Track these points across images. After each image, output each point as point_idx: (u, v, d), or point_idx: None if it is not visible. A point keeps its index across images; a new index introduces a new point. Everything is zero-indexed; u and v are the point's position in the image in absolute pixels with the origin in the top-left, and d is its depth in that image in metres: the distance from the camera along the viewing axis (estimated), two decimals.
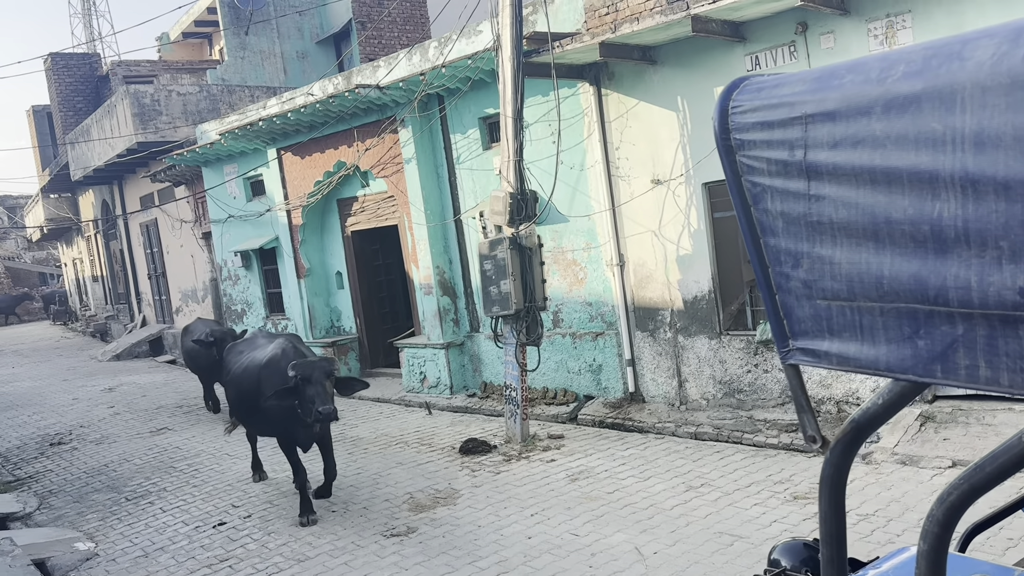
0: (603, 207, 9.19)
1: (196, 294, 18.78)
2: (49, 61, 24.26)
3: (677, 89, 8.43)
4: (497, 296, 8.39)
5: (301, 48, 20.83)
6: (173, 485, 8.67)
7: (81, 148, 20.92)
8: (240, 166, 14.57)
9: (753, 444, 7.63)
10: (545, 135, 9.44)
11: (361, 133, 11.69)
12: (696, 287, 8.64)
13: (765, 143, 1.46)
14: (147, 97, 17.45)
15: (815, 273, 1.40)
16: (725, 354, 8.50)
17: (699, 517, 6.04)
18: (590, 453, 8.01)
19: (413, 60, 10.99)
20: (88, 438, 11.60)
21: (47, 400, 15.37)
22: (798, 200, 1.41)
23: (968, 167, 1.15)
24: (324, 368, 6.49)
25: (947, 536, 1.32)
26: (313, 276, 13.64)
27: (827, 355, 1.42)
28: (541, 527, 6.20)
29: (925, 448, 6.60)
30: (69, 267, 35.14)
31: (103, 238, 25.65)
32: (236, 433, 10.77)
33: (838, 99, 1.32)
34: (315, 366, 6.48)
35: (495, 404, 10.20)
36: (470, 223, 10.80)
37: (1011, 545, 4.78)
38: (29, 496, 8.93)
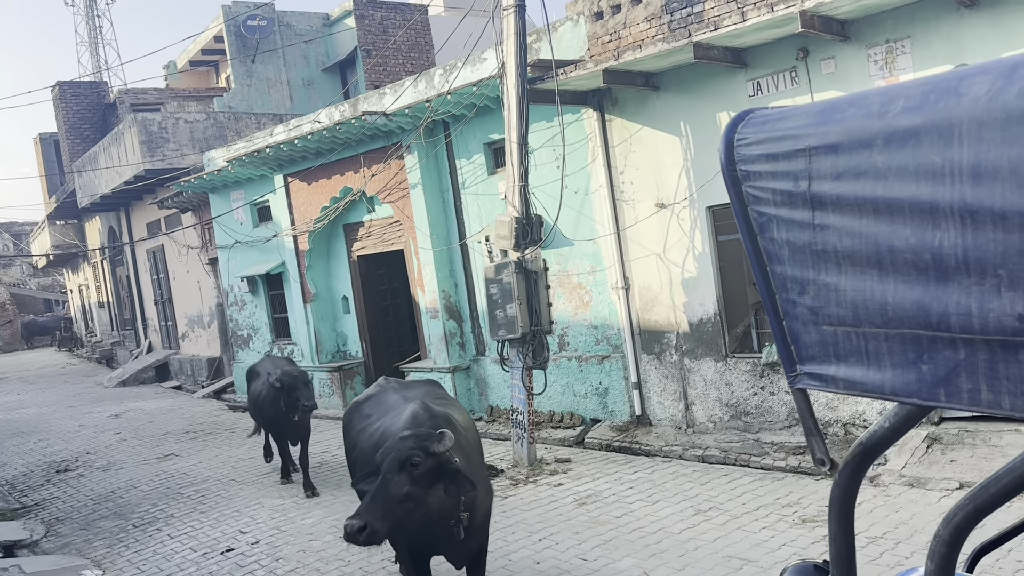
0: (608, 231, 9.26)
1: (202, 320, 18.85)
2: (57, 90, 24.55)
3: (680, 114, 8.52)
4: (503, 320, 8.43)
5: (307, 76, 21.06)
6: (180, 511, 8.67)
7: (88, 175, 21.12)
8: (247, 192, 14.69)
9: (761, 467, 7.62)
10: (550, 160, 9.53)
11: (367, 159, 11.80)
12: (701, 310, 8.67)
13: (770, 174, 1.51)
14: (154, 125, 17.64)
15: (821, 300, 1.45)
16: (731, 376, 8.51)
17: (708, 541, 6.03)
18: (597, 477, 8.01)
19: (419, 87, 11.13)
20: (95, 464, 11.61)
21: (53, 427, 15.39)
22: (803, 229, 1.46)
23: (967, 198, 1.19)
24: None
25: (954, 556, 1.35)
26: (319, 301, 13.70)
27: (834, 379, 1.46)
28: (549, 552, 6.19)
29: (932, 470, 6.59)
30: (75, 293, 35.29)
31: (109, 264, 25.79)
32: (243, 458, 10.79)
33: (840, 132, 1.37)
34: None
35: (501, 428, 10.20)
36: (476, 247, 10.87)
37: (1020, 567, 4.77)
38: (36, 523, 8.93)
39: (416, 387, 5.44)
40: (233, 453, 11.29)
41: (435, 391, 5.41)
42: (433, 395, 5.16)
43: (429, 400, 4.80)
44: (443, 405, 4.86)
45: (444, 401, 5.15)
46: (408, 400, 4.93)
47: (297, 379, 8.48)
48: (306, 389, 8.46)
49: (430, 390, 5.35)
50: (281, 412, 8.53)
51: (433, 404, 4.70)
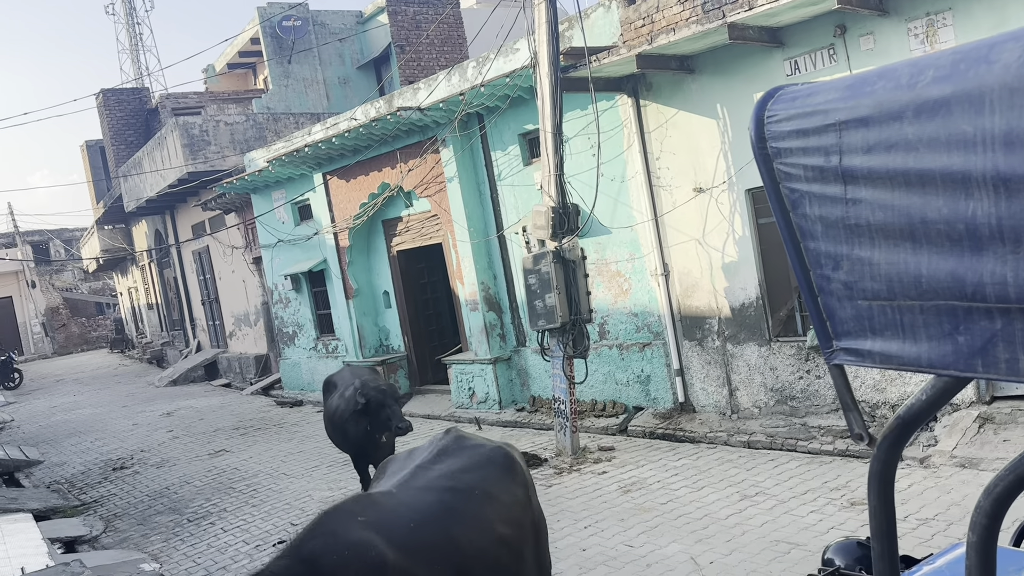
0: (645, 217, 9.21)
1: (248, 318, 19.20)
2: (101, 97, 25.14)
3: (716, 97, 8.43)
4: (542, 310, 8.45)
5: (343, 74, 21.26)
6: (233, 505, 8.87)
7: (133, 180, 21.60)
8: (288, 192, 14.91)
9: (808, 451, 7.54)
10: (585, 148, 9.51)
11: (403, 154, 11.90)
12: (743, 294, 8.59)
13: (801, 150, 1.51)
14: (195, 128, 17.98)
15: (855, 274, 1.44)
16: (776, 361, 8.43)
17: (755, 526, 6.00)
18: (641, 464, 8.00)
19: (452, 81, 11.17)
20: (149, 462, 11.92)
21: (108, 426, 15.83)
22: (835, 204, 1.46)
23: (999, 167, 1.18)
24: None
25: (995, 527, 1.34)
26: (361, 296, 13.87)
27: (870, 354, 1.45)
28: (595, 539, 6.21)
29: (984, 450, 6.46)
30: (124, 296, 36.16)
31: (157, 267, 26.38)
32: (292, 452, 10.99)
33: (870, 105, 1.36)
34: None
35: (544, 418, 10.24)
36: (513, 238, 10.90)
37: None
38: (95, 519, 9.22)
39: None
40: (283, 448, 11.50)
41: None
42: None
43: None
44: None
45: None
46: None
47: (385, 394, 7.06)
48: (396, 406, 7.07)
49: None
50: (365, 433, 7.06)
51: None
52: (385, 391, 7.14)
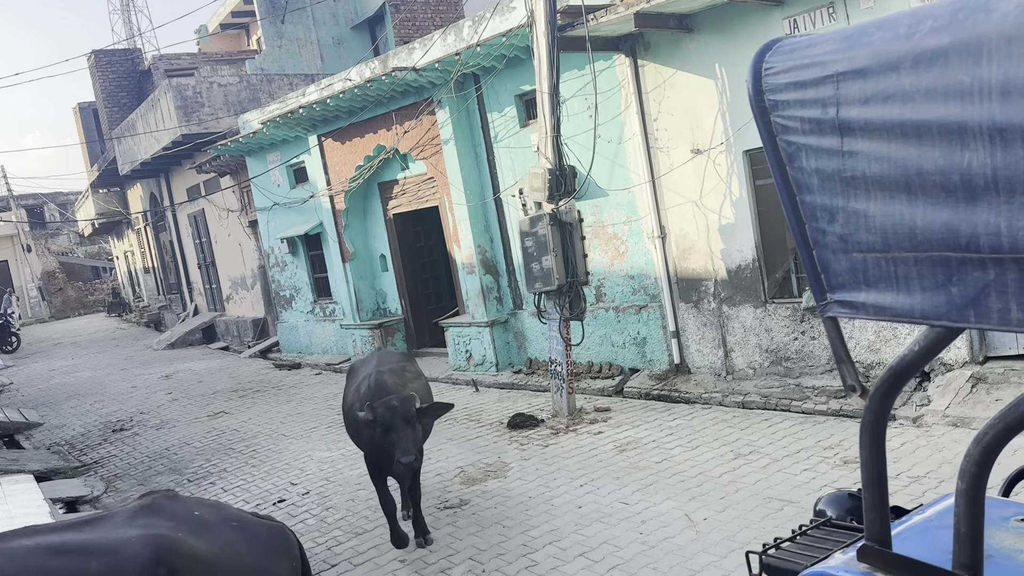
0: (643, 179, 9.18)
1: (245, 281, 19.19)
2: (92, 58, 24.83)
3: (715, 56, 8.35)
4: (539, 272, 8.46)
5: (336, 34, 20.99)
6: (233, 466, 8.95)
7: (127, 143, 21.43)
8: (282, 154, 14.81)
9: (802, 411, 7.62)
10: (582, 109, 9.44)
11: (399, 116, 11.80)
12: (740, 256, 8.60)
13: (798, 102, 1.51)
14: (189, 90, 17.78)
15: (850, 227, 1.45)
16: (771, 322, 8.47)
17: (748, 484, 6.08)
18: (637, 425, 8.08)
19: (448, 40, 11.04)
20: (149, 424, 12.00)
21: (107, 389, 15.91)
22: (832, 157, 1.46)
23: (996, 116, 1.18)
24: None
25: (984, 475, 1.37)
26: (358, 260, 13.86)
27: (864, 306, 1.46)
28: (591, 497, 6.30)
29: (977, 409, 6.53)
30: (121, 260, 36.09)
31: (153, 230, 26.29)
32: (291, 414, 11.07)
33: (868, 56, 1.36)
34: None
35: (541, 379, 10.31)
36: (510, 201, 10.86)
37: None
38: (96, 480, 9.30)
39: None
40: (281, 409, 11.58)
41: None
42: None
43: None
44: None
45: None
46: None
47: (395, 414, 5.39)
48: (406, 431, 5.38)
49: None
50: (378, 443, 5.62)
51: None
52: (395, 409, 5.39)
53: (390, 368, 6.17)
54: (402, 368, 6.32)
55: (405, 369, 6.36)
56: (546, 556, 5.37)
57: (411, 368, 6.55)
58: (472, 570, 5.36)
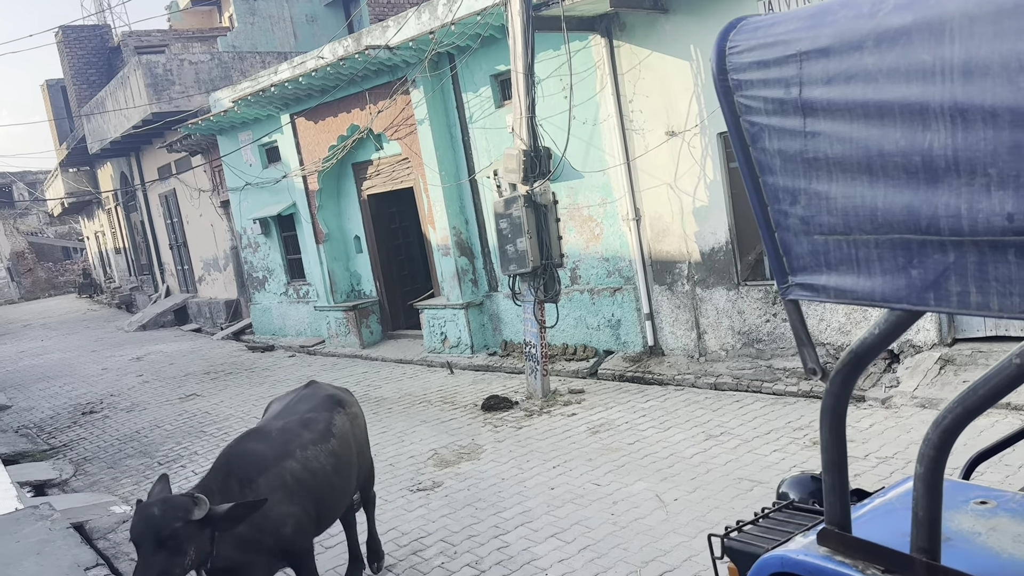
0: (618, 161, 9.15)
1: (218, 262, 18.98)
2: (60, 34, 24.29)
3: (690, 38, 8.32)
4: (514, 254, 8.43)
5: (310, 11, 20.69)
6: (204, 449, 8.87)
7: (97, 121, 21.03)
8: (254, 133, 14.61)
9: (772, 392, 7.68)
10: (557, 90, 9.38)
11: (373, 95, 11.67)
12: (713, 238, 8.62)
13: (762, 82, 1.48)
14: (159, 67, 17.46)
15: (812, 209, 1.43)
16: (743, 305, 8.51)
17: (719, 464, 6.13)
18: (610, 406, 8.10)
19: (422, 19, 10.91)
20: (119, 406, 11.86)
21: (77, 371, 15.70)
22: (794, 137, 1.44)
23: (957, 97, 1.16)
24: None
25: (942, 458, 1.36)
26: (332, 241, 13.74)
27: (825, 289, 1.45)
28: (563, 478, 6.31)
29: (944, 391, 6.61)
30: (91, 240, 35.54)
31: (123, 210, 25.89)
32: (264, 396, 10.99)
33: (831, 35, 1.33)
34: None
35: (515, 361, 10.30)
36: (485, 182, 10.80)
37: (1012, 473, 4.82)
38: (65, 463, 9.18)
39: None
40: (254, 392, 11.49)
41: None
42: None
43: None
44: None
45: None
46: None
47: (144, 528, 3.42)
48: (156, 556, 3.38)
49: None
50: None
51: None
52: (148, 520, 3.43)
53: (289, 424, 4.45)
54: (309, 423, 4.48)
55: (311, 425, 4.47)
56: (518, 537, 5.38)
57: (332, 422, 4.60)
58: (444, 552, 5.36)
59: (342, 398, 5.00)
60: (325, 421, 4.60)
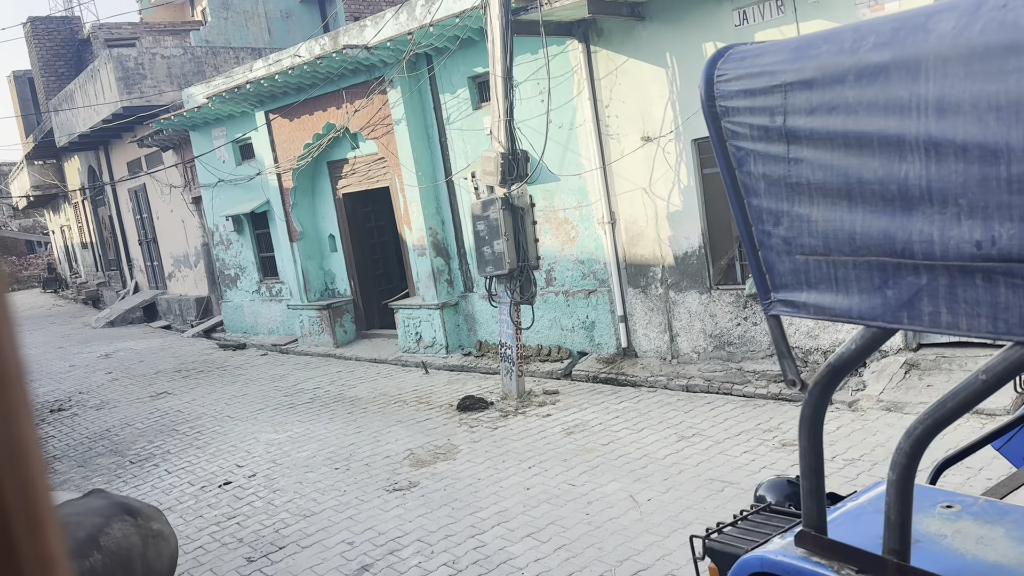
0: (594, 165, 9.26)
1: (188, 259, 18.80)
2: (29, 26, 23.88)
3: (666, 45, 8.45)
4: (490, 256, 8.50)
5: (285, 7, 20.56)
6: (177, 447, 8.83)
7: (65, 114, 20.71)
8: (228, 130, 14.50)
9: (743, 395, 7.83)
10: (535, 94, 9.46)
11: (350, 94, 11.66)
12: (687, 243, 8.76)
13: (748, 110, 1.57)
14: (130, 61, 17.25)
15: (794, 230, 1.52)
16: (715, 308, 8.66)
17: (691, 465, 6.24)
18: (585, 407, 8.20)
19: (400, 19, 10.92)
20: (88, 404, 11.74)
21: (44, 367, 15.47)
22: (778, 163, 1.52)
23: (931, 131, 1.25)
24: None
25: (913, 466, 1.46)
26: (306, 239, 13.69)
27: (805, 306, 1.54)
28: (539, 478, 6.39)
29: (909, 395, 6.80)
30: (57, 234, 34.96)
31: (91, 205, 25.51)
32: (236, 395, 10.94)
33: (814, 68, 1.42)
34: None
35: (491, 362, 10.37)
36: (462, 184, 10.85)
37: (987, 484, 4.98)
38: None
39: None
40: (226, 390, 11.43)
41: None
42: None
43: None
44: None
45: None
46: None
47: None
48: None
49: None
50: None
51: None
52: None
53: None
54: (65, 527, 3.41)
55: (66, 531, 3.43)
56: (494, 537, 5.45)
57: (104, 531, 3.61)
58: (421, 551, 5.42)
59: (135, 507, 3.84)
60: (91, 528, 3.41)
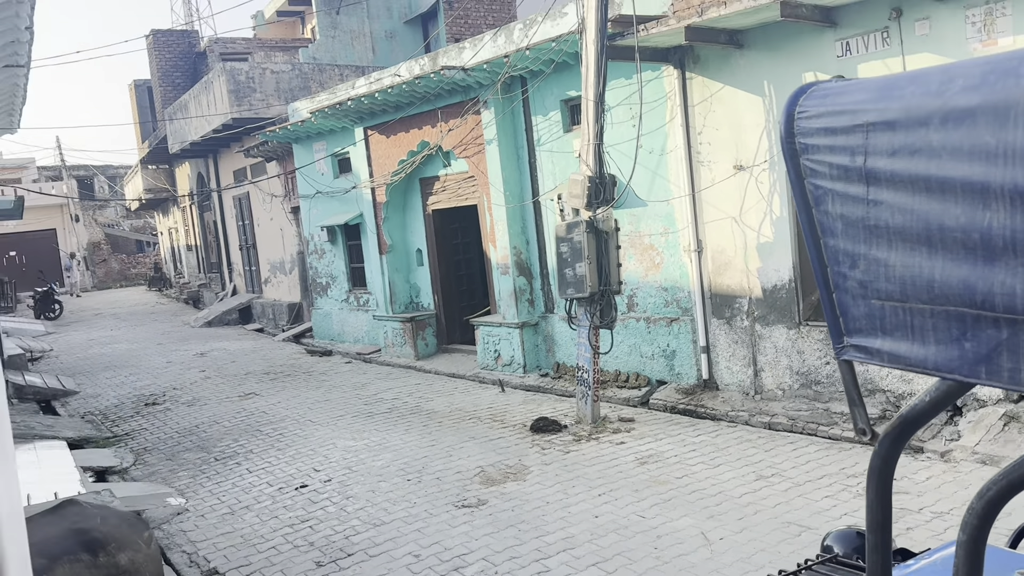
0: (683, 192, 9.16)
1: (284, 266, 19.47)
2: (151, 38, 25.36)
3: (764, 73, 8.30)
4: (572, 278, 8.49)
5: (390, 28, 21.19)
6: (259, 448, 9.12)
7: (179, 122, 21.86)
8: (328, 144, 15.01)
9: (828, 437, 7.55)
10: (626, 118, 9.44)
11: (445, 114, 11.90)
12: (776, 276, 8.54)
13: (828, 148, 1.53)
14: (242, 74, 18.09)
15: (871, 274, 1.47)
16: (803, 345, 8.40)
17: (768, 506, 6.05)
18: (660, 438, 8.07)
19: (498, 42, 11.10)
20: (180, 399, 12.26)
21: (143, 362, 16.26)
22: (857, 204, 1.48)
23: (1018, 180, 1.20)
24: None
25: (986, 529, 1.38)
26: (394, 252, 14.00)
27: (879, 352, 1.48)
28: (608, 507, 6.31)
29: (1007, 448, 6.42)
30: (165, 236, 36.80)
31: (198, 209, 26.78)
32: (319, 400, 11.23)
33: (899, 109, 1.38)
34: None
35: (567, 384, 10.33)
36: (548, 205, 10.90)
37: None
38: (126, 452, 9.54)
39: None
40: (310, 395, 11.75)
41: None
42: None
43: None
44: None
45: None
46: None
47: None
48: None
49: None
50: None
51: None
52: None
53: None
54: None
55: None
56: (559, 563, 5.41)
57: None
58: (485, 571, 5.42)
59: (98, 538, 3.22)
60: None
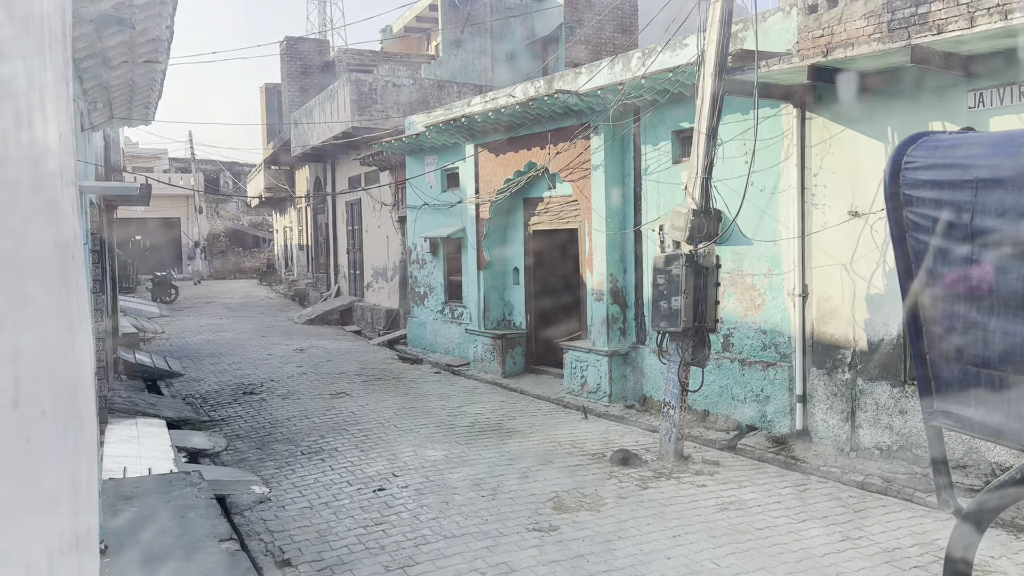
0: (792, 234, 8.88)
1: (386, 273, 19.97)
2: (284, 44, 26.61)
3: (888, 119, 7.98)
4: (667, 311, 8.35)
5: (511, 49, 21.54)
6: (343, 446, 9.33)
7: (303, 126, 22.81)
8: (440, 158, 15.34)
9: (924, 504, 7.12)
10: (739, 154, 9.25)
11: (554, 136, 11.97)
12: (884, 329, 8.15)
13: (934, 202, 1.46)
14: (366, 85, 18.75)
15: (968, 338, 1.38)
16: (907, 404, 7.97)
17: (851, 570, 5.75)
18: (744, 484, 7.80)
19: (615, 69, 11.11)
20: (276, 391, 12.70)
21: (246, 352, 16.95)
22: (960, 263, 1.40)
23: None
24: None
25: None
26: (492, 269, 14.13)
27: (969, 421, 1.39)
28: (682, 550, 6.14)
29: None
30: (280, 233, 38.37)
31: (312, 211, 27.82)
32: (405, 407, 11.42)
33: (1011, 167, 1.30)
34: None
35: (652, 419, 10.14)
36: (649, 235, 10.77)
37: None
38: (219, 437, 9.93)
39: None
40: (397, 400, 11.96)
41: None
42: None
43: None
44: None
45: None
46: None
47: None
48: None
49: None
50: None
51: None
52: None
53: None
54: None
55: None
56: None
57: None
58: None
59: None
60: None
